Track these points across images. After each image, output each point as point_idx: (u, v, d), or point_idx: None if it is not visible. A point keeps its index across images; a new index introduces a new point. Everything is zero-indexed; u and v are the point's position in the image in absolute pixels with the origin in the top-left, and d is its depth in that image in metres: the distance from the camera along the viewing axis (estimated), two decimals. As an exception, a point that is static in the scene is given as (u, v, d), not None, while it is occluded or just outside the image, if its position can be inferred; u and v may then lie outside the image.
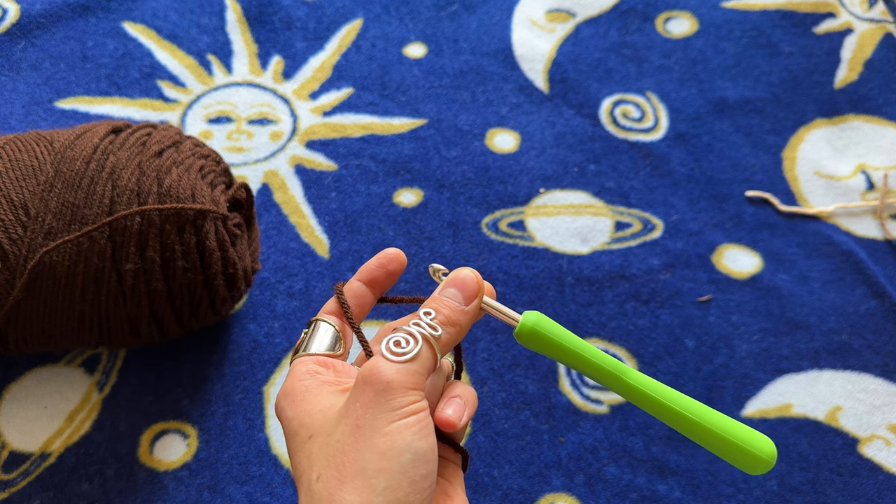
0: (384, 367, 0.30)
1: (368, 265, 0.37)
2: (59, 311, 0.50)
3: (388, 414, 0.29)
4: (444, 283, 0.34)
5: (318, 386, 0.32)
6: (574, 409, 0.57)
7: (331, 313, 0.36)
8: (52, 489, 0.52)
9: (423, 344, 0.31)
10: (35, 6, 0.77)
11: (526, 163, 0.70)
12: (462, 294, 0.34)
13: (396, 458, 0.28)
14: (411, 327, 0.32)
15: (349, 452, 0.29)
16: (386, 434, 0.29)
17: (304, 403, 0.32)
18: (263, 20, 0.79)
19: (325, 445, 0.30)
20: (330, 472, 0.29)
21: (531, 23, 0.81)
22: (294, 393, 0.32)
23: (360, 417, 0.29)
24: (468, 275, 0.34)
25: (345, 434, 0.29)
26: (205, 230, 0.51)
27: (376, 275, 0.37)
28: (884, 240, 0.66)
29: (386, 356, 0.30)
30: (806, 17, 0.81)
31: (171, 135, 0.54)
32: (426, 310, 0.33)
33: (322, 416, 0.31)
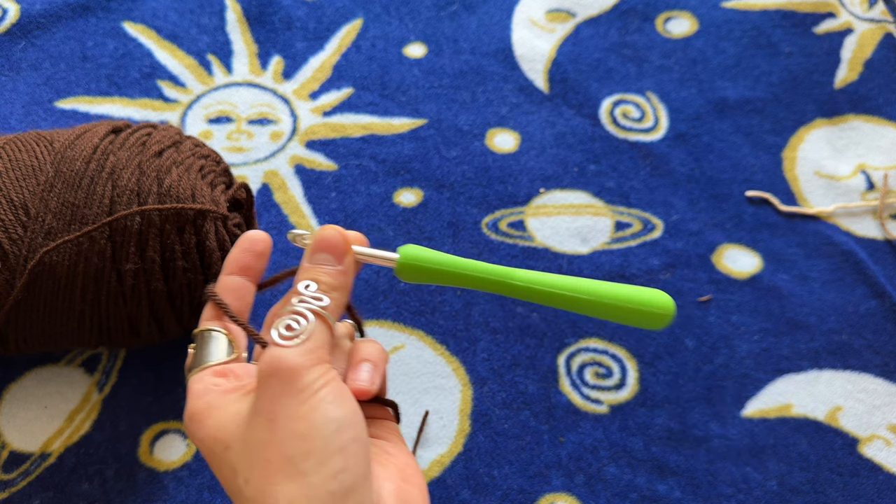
0: (282, 354, 0.29)
1: (233, 255, 0.35)
2: (59, 311, 0.50)
3: (299, 397, 0.28)
4: (309, 247, 0.33)
5: (220, 397, 0.31)
6: (574, 409, 0.57)
7: (212, 320, 0.35)
8: (52, 489, 0.52)
9: (314, 319, 0.30)
10: (35, 6, 0.77)
11: (526, 163, 0.70)
12: (332, 254, 0.32)
13: (319, 433, 0.28)
14: (297, 305, 0.30)
15: (270, 447, 0.28)
16: (302, 417, 0.28)
17: (210, 420, 0.30)
18: (263, 20, 0.79)
19: (243, 450, 0.29)
20: (256, 472, 0.28)
21: (531, 23, 0.81)
22: (198, 413, 0.31)
23: (271, 411, 0.28)
24: (331, 233, 0.33)
25: (261, 431, 0.28)
26: (205, 230, 0.51)
27: (245, 261, 0.35)
28: (884, 240, 0.66)
29: (280, 343, 0.29)
30: (806, 17, 0.81)
31: (171, 135, 0.54)
32: (304, 282, 0.31)
33: (233, 424, 0.30)
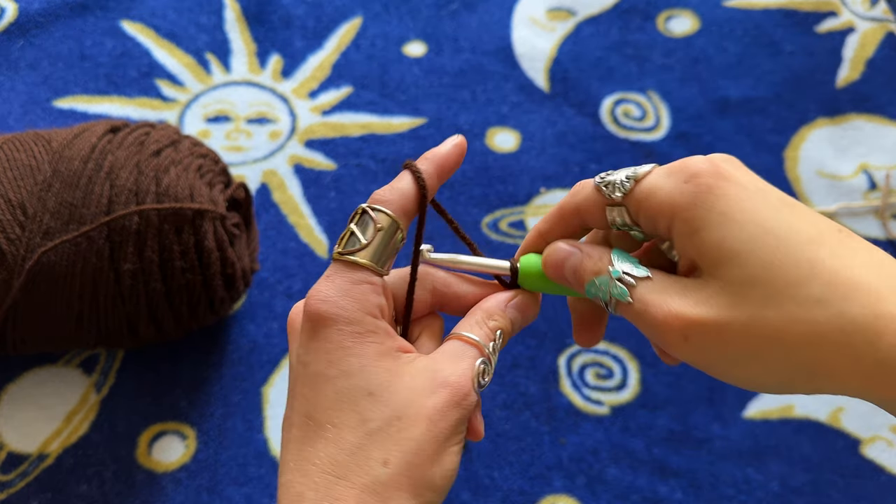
0: (472, 395, 0.29)
1: (449, 156, 0.32)
2: (57, 312, 0.50)
3: (458, 437, 0.29)
4: (514, 300, 0.32)
5: (385, 335, 0.29)
6: (575, 411, 0.56)
7: (403, 211, 0.31)
8: (51, 490, 0.52)
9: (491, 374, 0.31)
10: (33, 5, 0.77)
11: (526, 162, 0.70)
12: (521, 325, 0.33)
13: (450, 477, 0.29)
14: (489, 349, 0.31)
15: (425, 460, 0.28)
16: (451, 454, 0.29)
17: (370, 346, 0.29)
18: (262, 19, 0.78)
19: (395, 430, 0.28)
20: (401, 467, 0.28)
21: (532, 21, 0.80)
22: (361, 325, 0.29)
23: (444, 431, 0.28)
24: (534, 310, 0.33)
25: (425, 439, 0.28)
26: (203, 230, 0.50)
27: (451, 170, 0.32)
28: (886, 239, 0.66)
29: (475, 386, 0.30)
30: (808, 16, 0.81)
31: (170, 134, 0.54)
32: (500, 330, 0.31)
33: (387, 378, 0.28)
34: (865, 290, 0.24)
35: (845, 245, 0.25)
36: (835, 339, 0.24)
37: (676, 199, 0.27)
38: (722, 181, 0.26)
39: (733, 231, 0.26)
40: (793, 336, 0.25)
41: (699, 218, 0.26)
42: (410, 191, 0.31)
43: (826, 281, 0.24)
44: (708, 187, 0.26)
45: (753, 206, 0.26)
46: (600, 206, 0.30)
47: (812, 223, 0.26)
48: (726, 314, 0.26)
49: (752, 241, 0.25)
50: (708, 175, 0.27)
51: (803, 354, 0.25)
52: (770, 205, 0.26)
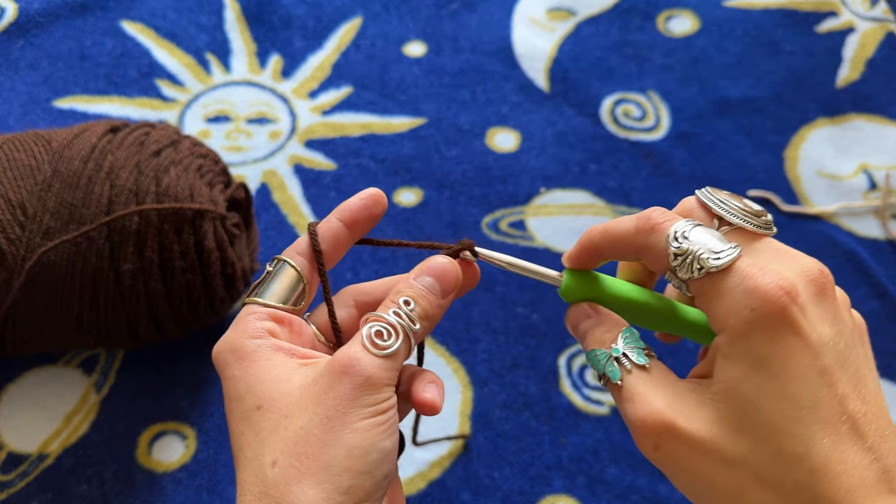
0: (365, 360, 0.29)
1: (352, 204, 0.34)
2: (57, 312, 0.50)
3: (363, 409, 0.28)
4: (421, 268, 0.33)
5: (271, 350, 0.30)
6: (575, 411, 0.56)
7: (300, 254, 0.33)
8: (51, 490, 0.52)
9: (402, 338, 0.30)
10: (33, 5, 0.77)
11: (526, 162, 0.70)
12: (440, 286, 0.32)
13: (363, 456, 0.27)
14: (391, 316, 0.30)
15: (314, 444, 0.27)
16: (356, 430, 0.28)
17: (253, 367, 0.30)
18: (262, 19, 0.78)
19: (283, 427, 0.28)
20: (289, 461, 0.27)
21: (532, 21, 0.80)
22: (243, 350, 0.30)
23: (332, 409, 0.28)
24: (449, 268, 0.33)
25: (312, 423, 0.28)
26: (203, 230, 0.50)
27: (359, 216, 0.35)
28: (886, 240, 0.66)
29: (368, 348, 0.29)
30: (808, 16, 0.81)
31: (170, 134, 0.54)
32: (405, 298, 0.31)
33: (274, 386, 0.29)
34: (844, 489, 0.24)
35: (857, 433, 0.25)
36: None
37: (731, 321, 0.26)
38: (784, 325, 0.25)
39: (759, 378, 0.25)
40: (756, 494, 0.25)
41: (739, 349, 0.26)
42: (305, 240, 0.34)
43: (811, 468, 0.24)
44: (766, 328, 0.25)
45: (797, 366, 0.25)
46: (662, 264, 0.29)
47: (840, 400, 0.25)
48: (706, 440, 0.26)
49: (768, 399, 0.25)
50: (776, 312, 0.25)
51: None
52: (814, 368, 0.25)
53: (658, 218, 0.29)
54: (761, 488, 0.25)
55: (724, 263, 0.26)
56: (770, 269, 0.26)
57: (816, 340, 0.26)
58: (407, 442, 0.39)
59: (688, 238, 0.28)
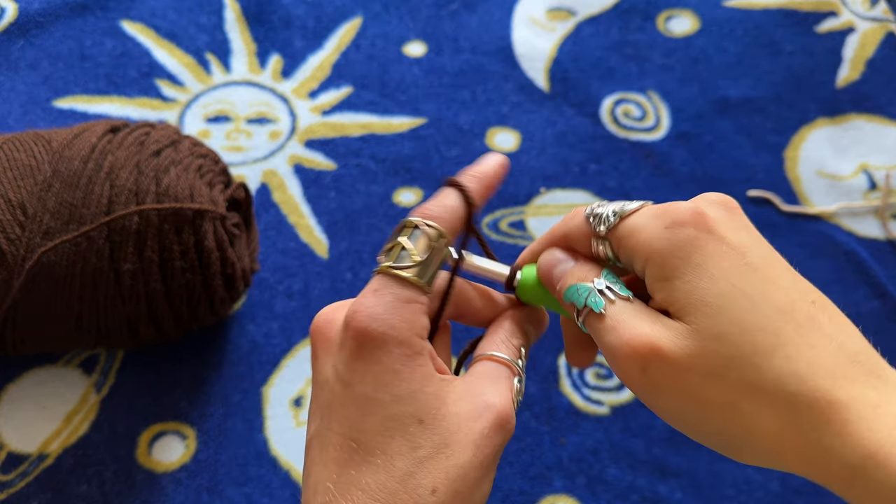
0: (513, 418, 0.29)
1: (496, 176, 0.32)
2: (57, 312, 0.50)
3: (497, 461, 0.29)
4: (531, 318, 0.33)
5: (430, 355, 0.29)
6: (575, 411, 0.56)
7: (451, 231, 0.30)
8: (51, 490, 0.52)
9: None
10: (33, 5, 0.77)
11: (526, 162, 0.70)
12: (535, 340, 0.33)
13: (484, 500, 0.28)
14: (519, 369, 0.31)
15: (469, 486, 0.27)
16: (490, 480, 0.29)
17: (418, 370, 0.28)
18: (262, 19, 0.78)
19: (444, 457, 0.27)
20: (447, 495, 0.27)
21: (532, 21, 0.80)
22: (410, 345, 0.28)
23: (487, 457, 0.28)
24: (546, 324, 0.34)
25: (471, 465, 0.27)
26: (203, 230, 0.50)
27: (493, 186, 0.32)
28: (886, 240, 0.66)
29: (514, 406, 0.29)
30: (808, 16, 0.81)
31: (170, 134, 0.54)
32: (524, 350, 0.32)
33: (436, 404, 0.28)
34: (822, 373, 0.24)
35: (814, 321, 0.26)
36: (786, 417, 0.25)
37: (654, 244, 0.27)
38: (703, 233, 0.27)
39: (704, 283, 0.26)
40: (747, 401, 0.25)
41: (672, 266, 0.27)
42: (459, 209, 0.30)
43: (787, 356, 0.25)
44: (687, 238, 0.27)
45: (730, 265, 0.26)
46: (587, 237, 0.30)
47: (785, 291, 0.26)
48: (689, 356, 0.26)
49: (723, 297, 0.26)
50: (690, 224, 0.27)
51: (752, 421, 0.25)
52: (747, 265, 0.26)
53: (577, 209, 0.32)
54: (750, 393, 0.25)
55: (636, 206, 0.29)
56: (677, 202, 0.28)
57: (738, 243, 0.27)
58: None
59: (601, 206, 0.30)
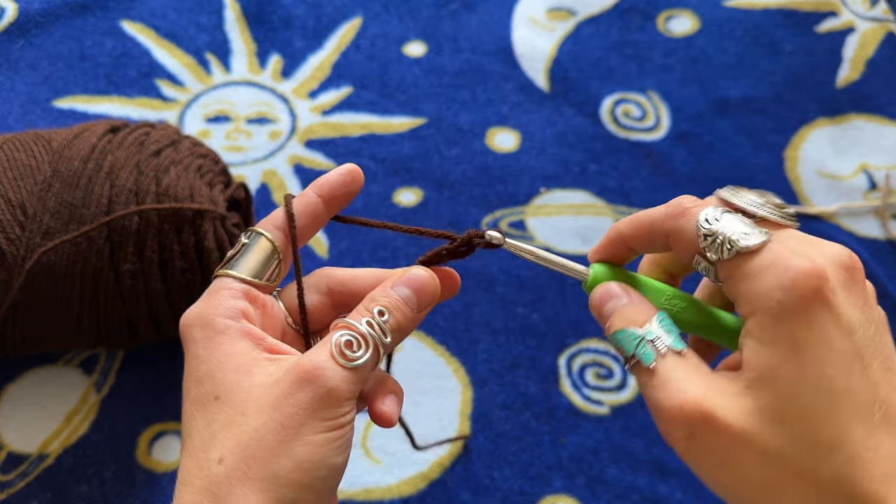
0: (331, 371, 0.28)
1: (330, 179, 0.33)
2: (57, 312, 0.50)
3: (320, 423, 0.27)
4: (398, 278, 0.32)
5: (239, 334, 0.29)
6: (575, 411, 0.56)
7: (277, 228, 0.32)
8: (51, 490, 0.52)
9: (372, 351, 0.29)
10: (33, 5, 0.77)
11: (526, 162, 0.70)
12: (417, 300, 0.31)
13: (312, 471, 0.27)
14: (363, 326, 0.29)
15: (265, 450, 0.27)
16: (309, 443, 0.27)
17: (218, 350, 0.29)
18: (262, 19, 0.78)
19: (236, 425, 0.27)
20: (237, 462, 0.27)
21: (532, 21, 0.80)
22: (212, 328, 0.29)
23: (289, 417, 0.27)
24: (429, 281, 0.32)
25: (267, 428, 0.27)
26: (203, 230, 0.50)
27: (337, 192, 0.34)
28: (886, 240, 0.66)
29: (336, 358, 0.28)
30: (808, 16, 0.81)
31: (170, 134, 0.54)
32: (380, 308, 0.30)
33: (235, 378, 0.28)
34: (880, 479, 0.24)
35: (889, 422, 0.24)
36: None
37: (764, 301, 0.25)
38: (818, 304, 0.24)
39: (795, 363, 0.24)
40: (795, 487, 0.24)
41: (772, 332, 0.25)
42: (281, 212, 0.33)
43: (848, 458, 0.24)
44: (800, 304, 0.24)
45: (829, 349, 0.24)
46: (691, 247, 0.28)
47: (874, 385, 0.24)
48: (745, 431, 0.25)
49: (804, 383, 0.24)
50: (808, 289, 0.24)
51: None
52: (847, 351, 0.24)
53: (688, 203, 0.29)
54: (799, 481, 0.24)
55: (756, 244, 0.26)
56: (801, 251, 0.26)
57: (848, 323, 0.25)
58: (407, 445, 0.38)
59: (718, 221, 0.27)
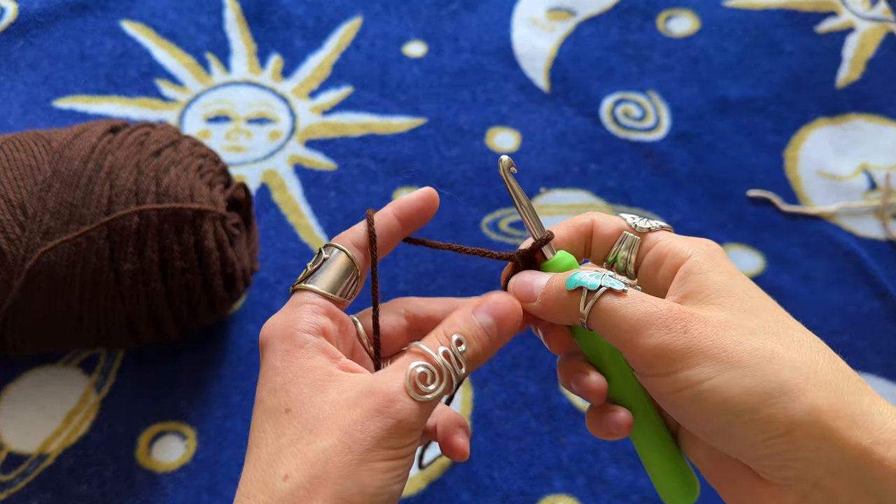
0: (403, 402, 0.28)
1: (411, 201, 0.33)
2: (57, 312, 0.50)
3: (385, 451, 0.27)
4: (483, 303, 0.31)
5: (316, 350, 0.29)
6: (575, 411, 0.56)
7: (355, 245, 0.32)
8: (51, 490, 0.52)
9: (445, 384, 0.29)
10: (33, 5, 0.77)
11: (527, 162, 0.70)
12: (498, 330, 0.31)
13: (373, 496, 0.27)
14: (439, 356, 0.29)
15: (331, 470, 0.27)
16: (373, 470, 0.27)
17: (296, 364, 0.29)
18: (262, 19, 0.78)
19: (304, 442, 0.27)
20: (302, 480, 0.27)
21: (532, 21, 0.80)
22: (292, 342, 0.29)
23: (357, 441, 0.27)
24: (512, 310, 0.31)
25: (335, 450, 0.27)
26: (203, 230, 0.50)
27: (414, 215, 0.33)
28: (886, 240, 0.66)
29: (409, 390, 0.28)
30: (808, 16, 0.81)
31: (170, 134, 0.54)
32: (458, 336, 0.30)
33: (308, 393, 0.28)
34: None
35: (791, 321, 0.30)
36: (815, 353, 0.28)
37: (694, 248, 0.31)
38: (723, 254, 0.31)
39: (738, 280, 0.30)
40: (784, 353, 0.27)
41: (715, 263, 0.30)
42: (361, 229, 0.33)
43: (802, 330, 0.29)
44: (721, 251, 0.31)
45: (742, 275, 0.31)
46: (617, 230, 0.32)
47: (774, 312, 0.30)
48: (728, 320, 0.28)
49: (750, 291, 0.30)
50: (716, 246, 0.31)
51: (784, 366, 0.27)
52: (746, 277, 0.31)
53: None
54: (784, 346, 0.27)
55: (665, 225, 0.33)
56: None
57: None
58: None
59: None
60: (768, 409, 0.26)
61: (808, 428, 0.26)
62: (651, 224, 0.32)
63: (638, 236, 0.32)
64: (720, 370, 0.27)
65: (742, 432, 0.27)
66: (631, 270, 0.32)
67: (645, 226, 0.32)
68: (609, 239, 0.32)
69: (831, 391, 0.26)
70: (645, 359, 0.28)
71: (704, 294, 0.29)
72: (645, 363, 0.28)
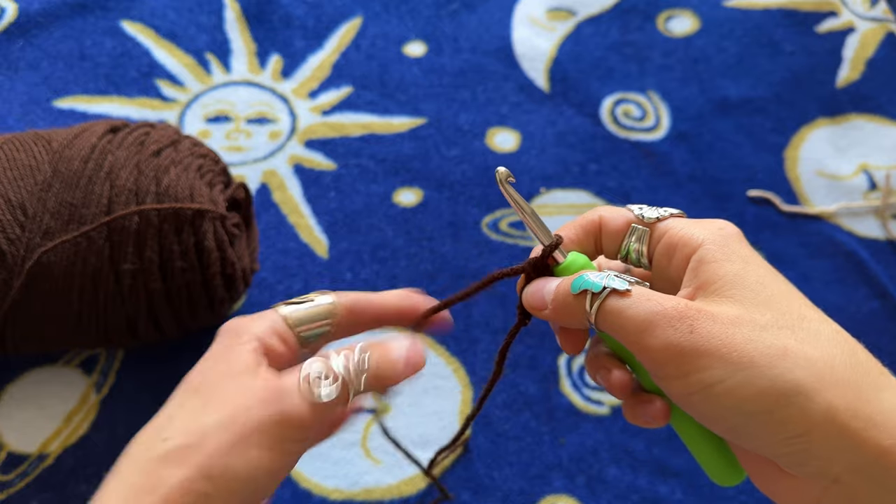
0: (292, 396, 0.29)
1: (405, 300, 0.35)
2: (57, 312, 0.50)
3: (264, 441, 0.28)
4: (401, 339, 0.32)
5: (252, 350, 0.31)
6: (575, 411, 0.56)
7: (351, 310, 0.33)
8: (51, 490, 0.52)
9: (340, 391, 0.29)
10: (33, 5, 0.77)
11: (526, 162, 0.70)
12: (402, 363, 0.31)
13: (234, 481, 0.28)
14: (339, 366, 0.30)
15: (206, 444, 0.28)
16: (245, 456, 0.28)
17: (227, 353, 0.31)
18: (262, 19, 0.78)
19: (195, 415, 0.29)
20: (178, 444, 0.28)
21: (532, 21, 0.80)
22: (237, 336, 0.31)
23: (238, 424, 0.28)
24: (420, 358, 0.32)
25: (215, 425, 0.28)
26: (203, 230, 0.50)
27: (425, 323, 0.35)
28: (886, 240, 0.66)
29: (300, 388, 0.29)
30: (808, 16, 0.81)
31: (170, 134, 0.54)
32: (366, 353, 0.31)
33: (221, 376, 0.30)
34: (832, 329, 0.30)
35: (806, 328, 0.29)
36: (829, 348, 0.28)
37: (706, 234, 0.30)
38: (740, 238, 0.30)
39: (753, 267, 0.29)
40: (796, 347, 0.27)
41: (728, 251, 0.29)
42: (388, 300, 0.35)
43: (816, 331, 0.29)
44: (734, 234, 0.30)
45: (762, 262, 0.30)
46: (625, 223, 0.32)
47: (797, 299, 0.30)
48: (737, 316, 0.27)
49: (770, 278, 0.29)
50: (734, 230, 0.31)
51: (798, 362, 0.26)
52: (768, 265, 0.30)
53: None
54: (798, 341, 0.27)
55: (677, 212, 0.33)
56: None
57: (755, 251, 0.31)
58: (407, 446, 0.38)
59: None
60: (783, 410, 0.25)
61: (825, 428, 0.25)
62: (659, 213, 0.31)
63: (647, 227, 0.31)
64: (731, 372, 0.26)
65: (759, 432, 0.26)
66: (645, 262, 0.32)
67: (653, 215, 0.31)
68: (618, 233, 0.32)
69: (849, 389, 0.26)
70: (655, 360, 0.27)
71: (717, 286, 0.28)
72: (655, 364, 0.27)
